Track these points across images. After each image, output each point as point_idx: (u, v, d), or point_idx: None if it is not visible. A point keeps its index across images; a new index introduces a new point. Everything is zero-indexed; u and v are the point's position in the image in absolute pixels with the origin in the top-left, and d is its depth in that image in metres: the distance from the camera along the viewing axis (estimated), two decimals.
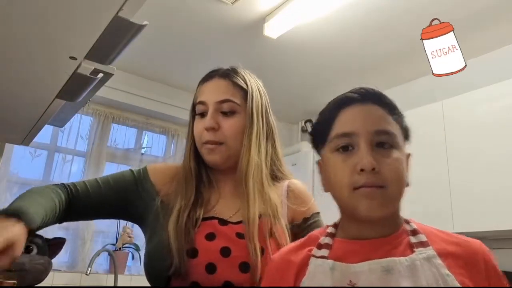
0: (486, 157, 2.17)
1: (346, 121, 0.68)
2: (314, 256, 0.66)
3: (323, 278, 0.62)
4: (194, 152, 0.95)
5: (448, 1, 2.18)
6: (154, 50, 2.77)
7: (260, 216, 0.87)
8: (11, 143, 1.85)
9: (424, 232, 0.66)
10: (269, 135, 0.97)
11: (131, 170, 0.97)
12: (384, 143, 0.65)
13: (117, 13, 0.67)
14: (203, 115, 0.93)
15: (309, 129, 3.73)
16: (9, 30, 0.75)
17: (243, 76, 0.97)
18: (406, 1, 2.20)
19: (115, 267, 2.53)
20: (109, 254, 2.66)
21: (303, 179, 3.56)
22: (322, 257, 0.65)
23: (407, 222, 0.68)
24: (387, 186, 0.62)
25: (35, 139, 1.60)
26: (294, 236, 0.86)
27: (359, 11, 2.30)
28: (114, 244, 2.75)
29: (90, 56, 0.82)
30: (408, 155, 0.69)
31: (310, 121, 3.76)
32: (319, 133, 0.72)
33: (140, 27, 0.73)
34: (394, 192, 0.63)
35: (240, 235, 0.85)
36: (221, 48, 2.69)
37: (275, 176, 0.97)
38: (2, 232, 0.68)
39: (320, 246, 0.67)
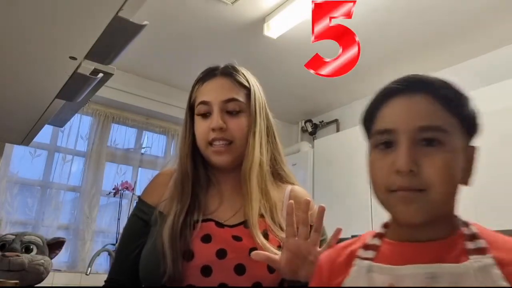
0: (486, 157, 2.16)
1: (387, 116, 0.61)
2: (359, 257, 0.62)
3: (362, 280, 0.59)
4: (192, 153, 0.93)
5: (448, 1, 2.18)
6: (154, 50, 2.76)
7: (262, 216, 0.86)
8: (11, 143, 1.85)
9: (488, 238, 0.57)
10: (270, 132, 0.96)
11: (132, 215, 0.97)
12: (432, 140, 0.57)
13: (117, 13, 0.67)
14: (205, 115, 0.91)
15: (309, 129, 3.73)
16: (9, 30, 0.75)
17: (243, 74, 0.96)
18: (406, 1, 2.20)
19: None
20: (109, 254, 2.65)
21: (303, 179, 3.54)
22: (367, 258, 0.61)
23: (467, 225, 0.60)
24: (429, 190, 0.55)
25: (35, 139, 1.60)
26: None
27: (359, 11, 2.29)
28: (114, 244, 2.75)
29: (90, 56, 0.82)
30: (473, 149, 0.62)
31: (310, 121, 3.75)
32: (364, 127, 0.66)
33: (140, 27, 0.73)
34: (438, 196, 0.56)
35: (236, 238, 0.84)
36: (221, 48, 2.69)
37: (278, 174, 0.96)
38: None
39: (366, 247, 0.63)
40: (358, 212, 2.67)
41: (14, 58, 0.87)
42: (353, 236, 0.69)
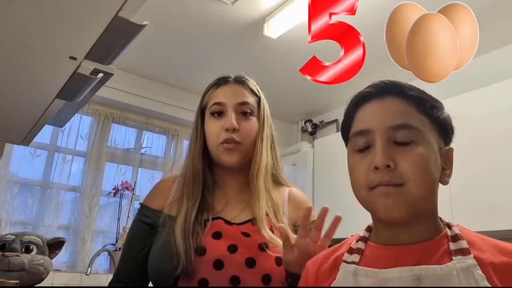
0: (486, 157, 2.17)
1: (362, 118, 0.64)
2: (345, 261, 0.64)
3: (349, 284, 0.60)
4: (203, 153, 0.97)
5: (448, 1, 2.18)
6: (154, 50, 2.76)
7: (267, 215, 0.91)
8: (11, 143, 1.85)
9: (468, 238, 0.59)
10: (273, 140, 1.03)
11: (135, 220, 0.99)
12: (406, 138, 0.60)
13: (117, 13, 0.67)
14: (218, 114, 0.96)
15: (309, 129, 3.73)
16: (9, 30, 0.75)
17: (253, 83, 1.03)
18: (406, 0, 2.19)
19: (115, 267, 2.53)
20: (109, 254, 2.66)
21: (303, 179, 3.53)
22: (353, 262, 0.62)
23: (449, 226, 0.62)
24: (406, 184, 0.58)
25: (35, 139, 1.60)
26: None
27: (358, 11, 2.29)
28: (114, 244, 2.75)
29: (90, 56, 0.82)
30: (448, 150, 0.64)
31: (310, 121, 3.76)
32: (343, 133, 0.70)
33: (140, 27, 0.73)
34: (416, 190, 0.58)
35: (245, 234, 0.88)
36: (221, 48, 2.69)
37: (277, 179, 1.02)
38: None
39: (351, 251, 0.65)
40: (358, 212, 2.65)
41: (14, 58, 0.87)
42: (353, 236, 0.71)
